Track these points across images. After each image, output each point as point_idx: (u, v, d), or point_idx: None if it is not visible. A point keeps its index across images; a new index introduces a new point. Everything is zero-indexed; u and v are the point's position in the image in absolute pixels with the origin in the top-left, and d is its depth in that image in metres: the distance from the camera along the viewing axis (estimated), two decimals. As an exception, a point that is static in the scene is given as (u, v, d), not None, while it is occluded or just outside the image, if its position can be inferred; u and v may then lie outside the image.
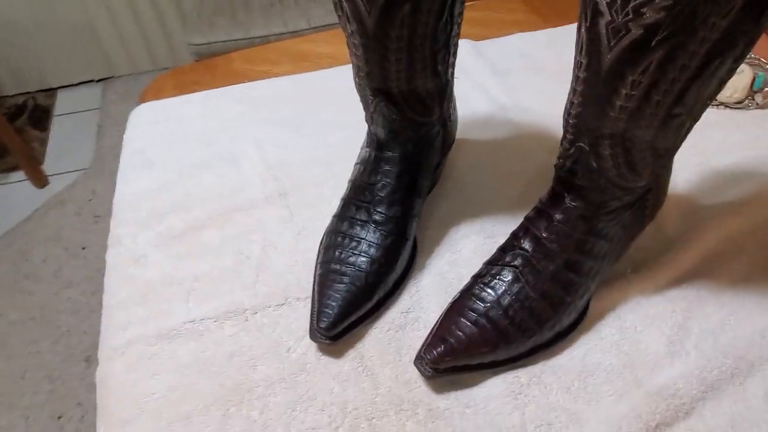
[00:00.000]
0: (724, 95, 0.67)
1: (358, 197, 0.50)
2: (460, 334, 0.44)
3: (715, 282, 0.51)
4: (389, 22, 0.40)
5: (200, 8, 1.42)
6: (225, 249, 0.56)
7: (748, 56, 0.43)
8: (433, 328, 0.46)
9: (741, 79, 0.67)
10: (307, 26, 1.39)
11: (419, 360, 0.44)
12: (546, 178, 0.61)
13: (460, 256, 0.54)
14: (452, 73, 0.49)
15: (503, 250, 0.47)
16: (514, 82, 0.72)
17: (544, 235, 0.44)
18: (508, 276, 0.45)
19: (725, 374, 0.45)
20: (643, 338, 0.47)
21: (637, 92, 0.36)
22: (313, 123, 0.69)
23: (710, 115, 0.52)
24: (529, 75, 0.74)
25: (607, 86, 0.36)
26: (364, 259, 0.48)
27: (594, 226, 0.44)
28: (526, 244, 0.45)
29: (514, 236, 0.47)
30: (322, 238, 0.53)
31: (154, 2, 1.61)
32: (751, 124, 0.65)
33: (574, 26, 0.86)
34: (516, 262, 0.45)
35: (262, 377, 0.46)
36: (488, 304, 0.44)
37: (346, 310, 0.46)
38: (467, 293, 0.46)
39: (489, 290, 0.45)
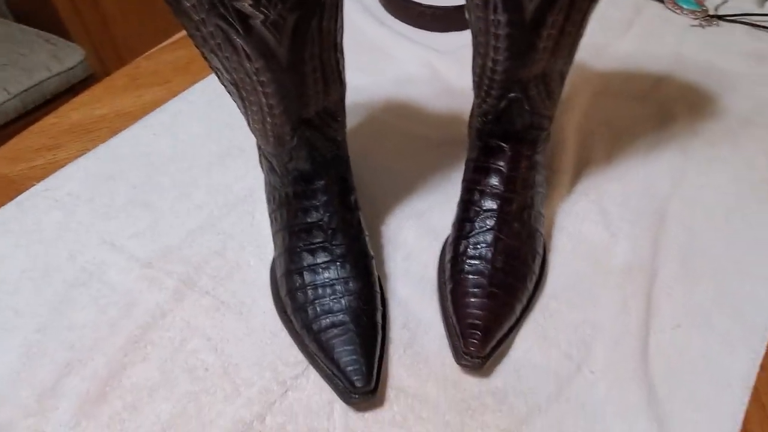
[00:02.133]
0: None
1: (307, 242, 0.45)
2: (482, 312, 0.44)
3: (598, 160, 0.60)
4: (302, 45, 0.35)
5: None
6: (172, 377, 0.45)
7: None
8: (451, 323, 0.45)
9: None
10: (7, 96, 1.13)
11: (465, 357, 0.43)
12: (422, 142, 0.63)
13: (408, 247, 0.53)
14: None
15: (467, 220, 0.47)
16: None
17: (503, 189, 0.46)
18: (489, 238, 0.46)
19: (656, 227, 0.54)
20: (586, 235, 0.54)
21: (555, 30, 0.39)
22: (159, 192, 0.58)
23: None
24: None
25: (531, 34, 0.38)
26: (350, 297, 0.44)
27: (535, 161, 0.47)
28: (490, 203, 0.46)
29: (470, 202, 0.48)
30: (282, 301, 0.47)
31: None
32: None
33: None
34: (490, 223, 0.46)
35: (325, 475, 0.40)
36: (488, 273, 0.45)
37: (368, 355, 0.42)
38: (461, 275, 0.46)
39: (479, 261, 0.46)
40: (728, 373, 0.44)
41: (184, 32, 0.76)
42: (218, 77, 0.41)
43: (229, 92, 0.42)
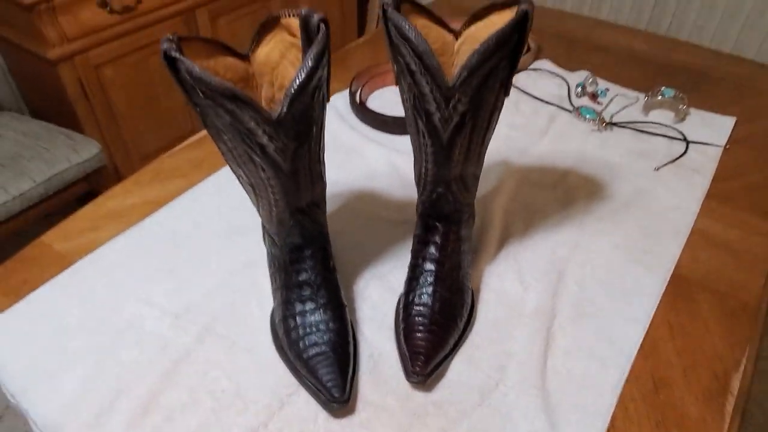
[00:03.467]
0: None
1: (300, 295, 0.62)
2: (424, 343, 0.61)
3: (516, 234, 0.79)
4: (298, 161, 0.55)
5: None
6: (198, 398, 0.61)
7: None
8: (402, 351, 0.62)
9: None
10: (33, 184, 1.31)
11: (412, 375, 0.60)
12: (384, 222, 0.81)
13: (372, 300, 0.71)
14: (324, 176, 0.65)
15: (414, 278, 0.66)
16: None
17: (438, 255, 0.65)
18: (429, 290, 0.64)
19: (556, 282, 0.72)
20: (505, 289, 0.72)
21: (463, 149, 0.59)
22: (182, 261, 0.76)
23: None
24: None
25: (448, 151, 0.59)
26: (330, 334, 0.61)
27: (461, 235, 0.66)
28: (430, 266, 0.65)
29: (416, 266, 0.66)
30: (280, 340, 0.63)
31: None
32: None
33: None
34: (431, 279, 0.64)
35: (312, 462, 0.55)
36: (428, 315, 0.63)
37: (343, 375, 0.59)
38: (410, 317, 0.63)
39: (422, 307, 0.64)
40: (602, 386, 0.62)
41: (198, 136, 0.97)
42: (239, 181, 0.60)
43: (246, 191, 0.61)
